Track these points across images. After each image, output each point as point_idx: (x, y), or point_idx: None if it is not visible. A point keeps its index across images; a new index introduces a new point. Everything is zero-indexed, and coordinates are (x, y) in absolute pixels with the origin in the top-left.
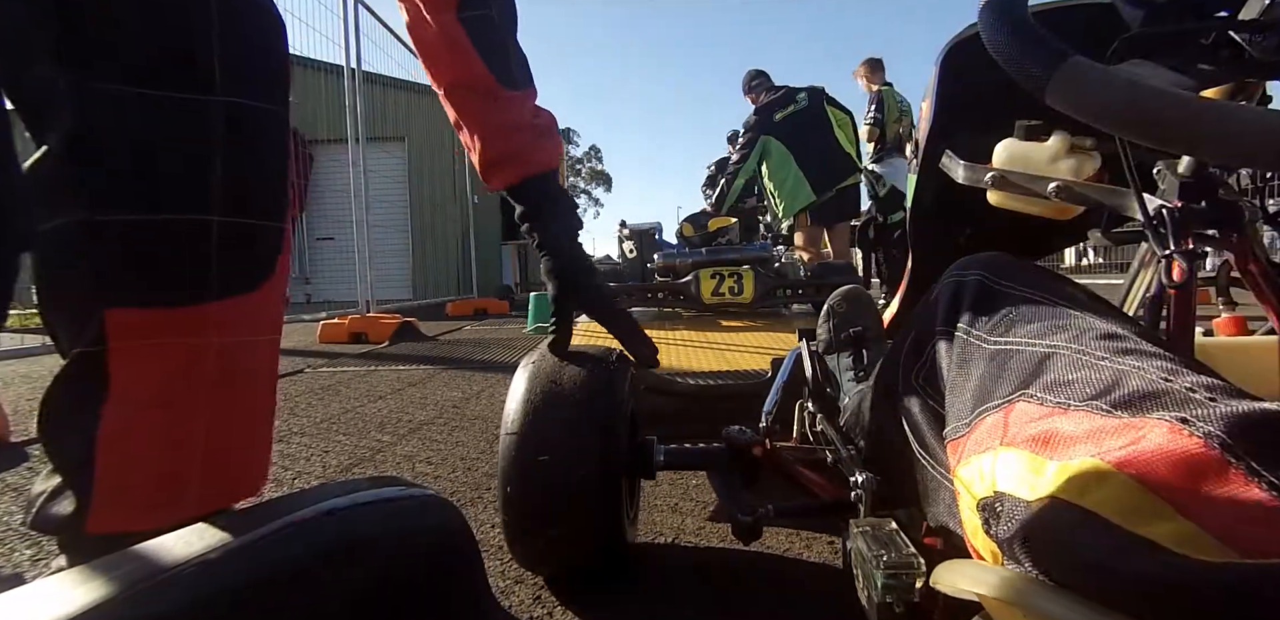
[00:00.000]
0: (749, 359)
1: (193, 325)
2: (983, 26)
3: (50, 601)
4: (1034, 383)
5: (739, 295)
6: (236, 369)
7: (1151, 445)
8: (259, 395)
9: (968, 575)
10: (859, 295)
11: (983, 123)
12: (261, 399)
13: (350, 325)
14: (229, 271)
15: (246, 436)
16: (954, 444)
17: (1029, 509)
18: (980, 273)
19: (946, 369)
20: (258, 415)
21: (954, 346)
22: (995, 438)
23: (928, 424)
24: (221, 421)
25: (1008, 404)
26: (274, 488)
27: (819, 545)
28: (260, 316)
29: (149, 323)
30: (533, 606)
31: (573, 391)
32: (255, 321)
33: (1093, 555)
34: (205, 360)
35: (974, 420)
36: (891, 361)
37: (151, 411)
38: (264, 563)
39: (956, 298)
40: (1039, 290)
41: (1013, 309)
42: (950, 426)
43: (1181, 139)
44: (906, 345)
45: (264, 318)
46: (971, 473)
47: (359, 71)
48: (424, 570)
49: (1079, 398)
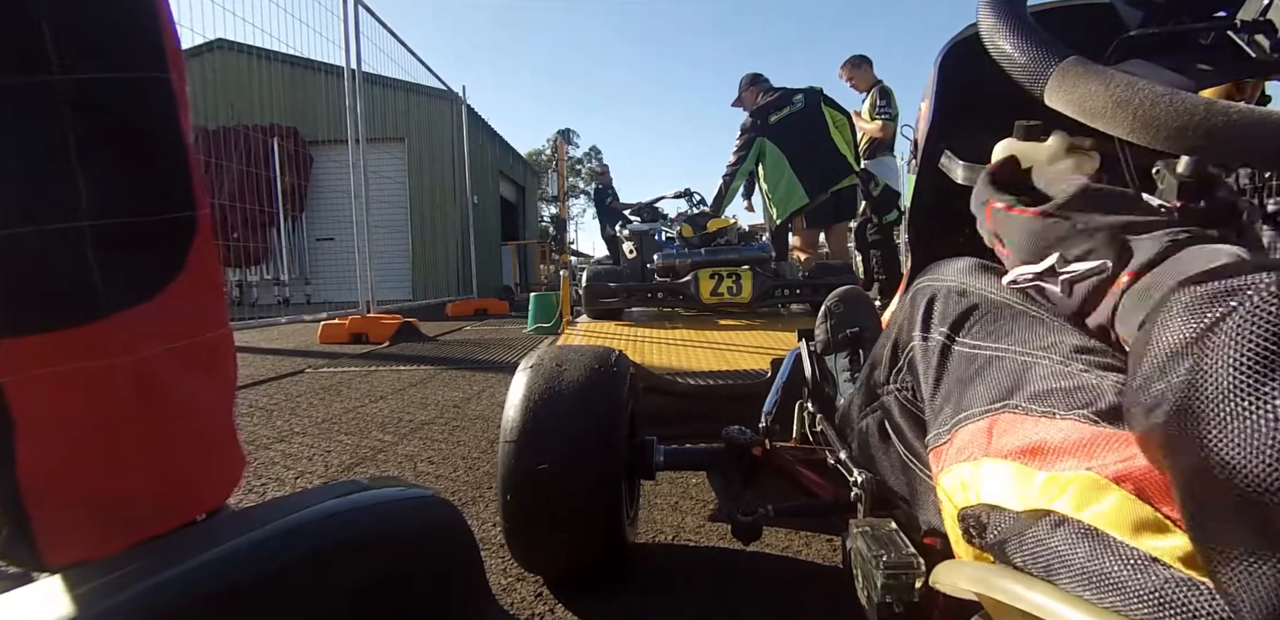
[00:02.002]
0: (749, 359)
1: (90, 347)
2: (982, 26)
3: (48, 603)
4: (1017, 392)
5: (738, 295)
6: (161, 382)
7: (1146, 462)
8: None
9: (967, 575)
10: (857, 296)
11: (982, 123)
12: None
13: (351, 325)
14: (120, 281)
15: (196, 445)
16: (935, 452)
17: (1019, 520)
18: (954, 277)
19: (924, 374)
20: (205, 421)
21: (930, 352)
22: (979, 447)
23: (910, 429)
24: (160, 437)
25: (991, 414)
26: (276, 487)
27: (819, 544)
28: (176, 322)
29: (34, 352)
30: (534, 603)
31: (571, 398)
32: (171, 329)
33: (1095, 569)
34: (117, 380)
35: (954, 428)
36: (872, 366)
37: (68, 441)
38: (265, 562)
39: (931, 303)
40: (1013, 295)
41: (989, 315)
42: (931, 434)
43: (1180, 139)
44: (885, 350)
45: (182, 322)
46: (953, 482)
47: (359, 72)
48: (424, 570)
49: (1064, 407)
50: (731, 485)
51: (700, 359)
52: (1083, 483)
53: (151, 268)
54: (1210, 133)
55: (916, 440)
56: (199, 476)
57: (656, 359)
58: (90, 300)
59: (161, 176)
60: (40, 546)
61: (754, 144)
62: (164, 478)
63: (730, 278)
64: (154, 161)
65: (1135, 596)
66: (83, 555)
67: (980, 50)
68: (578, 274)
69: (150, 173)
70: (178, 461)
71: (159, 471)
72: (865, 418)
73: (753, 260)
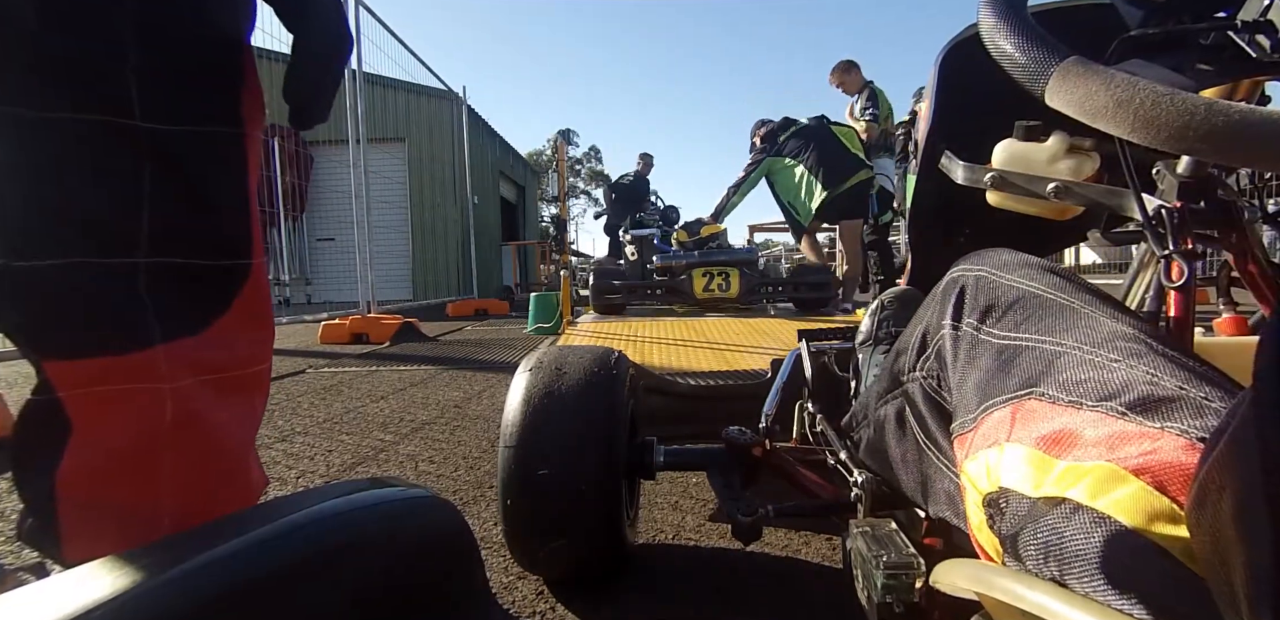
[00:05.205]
0: (749, 359)
1: (143, 371)
2: (982, 27)
3: (46, 605)
4: (1044, 381)
5: (726, 291)
6: (197, 409)
7: (1169, 456)
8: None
9: (967, 575)
10: (913, 297)
11: (982, 123)
12: (234, 430)
13: (351, 326)
14: (168, 315)
15: (216, 470)
16: (961, 439)
17: (1033, 506)
18: (986, 268)
19: (952, 363)
20: (231, 446)
21: (960, 341)
22: (1002, 433)
23: (932, 417)
24: (186, 460)
25: (1016, 400)
26: (278, 486)
27: (819, 544)
28: (218, 355)
29: (91, 373)
30: (536, 601)
31: (571, 401)
32: (213, 362)
33: (1103, 557)
34: (158, 404)
35: (980, 415)
36: (898, 353)
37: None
38: (266, 562)
39: (962, 293)
40: (1045, 286)
41: (1020, 305)
42: (957, 421)
43: (1180, 139)
44: (914, 339)
45: (225, 355)
46: (978, 468)
47: (359, 72)
48: (424, 571)
49: (1092, 398)
50: (731, 485)
51: (700, 359)
52: (1102, 473)
53: (199, 306)
54: (1211, 133)
55: (938, 429)
56: (220, 495)
57: (656, 359)
58: (140, 331)
59: (219, 224)
60: (63, 545)
61: (762, 164)
62: (188, 495)
63: (720, 276)
64: (215, 210)
65: (1139, 588)
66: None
67: (980, 50)
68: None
69: (210, 219)
70: (202, 481)
71: (184, 489)
72: (884, 405)
73: (740, 262)
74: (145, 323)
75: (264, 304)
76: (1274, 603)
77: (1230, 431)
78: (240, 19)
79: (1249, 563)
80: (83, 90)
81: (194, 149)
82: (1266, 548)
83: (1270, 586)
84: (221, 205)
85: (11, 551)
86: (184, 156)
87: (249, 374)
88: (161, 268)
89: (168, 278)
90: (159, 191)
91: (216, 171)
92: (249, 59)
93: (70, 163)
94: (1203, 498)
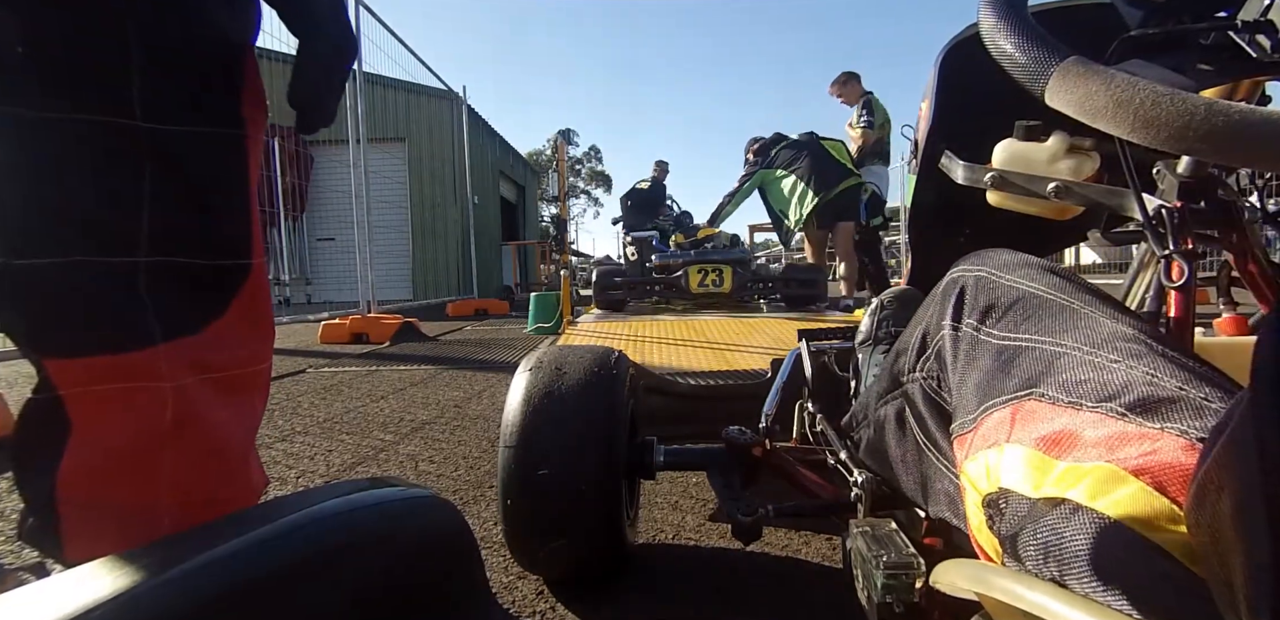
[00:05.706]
0: (749, 359)
1: (143, 370)
2: (983, 26)
3: (46, 605)
4: (1044, 381)
5: (720, 287)
6: (197, 409)
7: (1169, 457)
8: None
9: (967, 575)
10: (913, 297)
11: (982, 123)
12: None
13: (351, 325)
14: (168, 314)
15: (216, 469)
16: (960, 439)
17: (1033, 506)
18: (986, 268)
19: (952, 364)
20: (231, 446)
21: (960, 341)
22: (1002, 434)
23: (932, 418)
24: (186, 459)
25: (1016, 401)
26: (278, 486)
27: (819, 544)
28: (217, 355)
29: (91, 371)
30: (536, 601)
31: (570, 401)
32: (212, 361)
33: (1102, 557)
34: (157, 403)
35: (980, 415)
36: (898, 353)
37: (108, 454)
38: (266, 562)
39: (962, 293)
40: (1046, 286)
41: (1020, 305)
42: (957, 422)
43: (1180, 139)
44: (913, 339)
45: (224, 356)
46: (978, 468)
47: (359, 72)
48: (424, 571)
49: (1092, 399)
50: (731, 485)
51: (700, 359)
52: (1102, 473)
53: (199, 306)
54: (1211, 133)
55: (937, 429)
56: (220, 495)
57: (656, 359)
58: (140, 330)
59: (220, 224)
60: (64, 544)
61: (755, 175)
62: (187, 494)
63: (714, 273)
64: (216, 210)
65: (1139, 589)
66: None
67: (981, 50)
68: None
69: (210, 219)
70: (202, 481)
71: (183, 488)
72: (884, 405)
73: (733, 260)
74: (145, 322)
75: (264, 304)
76: (1273, 603)
77: (1228, 432)
78: (242, 20)
79: (1248, 563)
80: (83, 90)
81: (195, 149)
82: (1265, 548)
83: (1269, 586)
84: (222, 205)
85: (11, 551)
86: (184, 157)
87: (249, 373)
88: (162, 267)
89: (168, 277)
90: (159, 191)
91: (217, 172)
92: (250, 60)
93: (70, 163)
94: (1201, 498)
